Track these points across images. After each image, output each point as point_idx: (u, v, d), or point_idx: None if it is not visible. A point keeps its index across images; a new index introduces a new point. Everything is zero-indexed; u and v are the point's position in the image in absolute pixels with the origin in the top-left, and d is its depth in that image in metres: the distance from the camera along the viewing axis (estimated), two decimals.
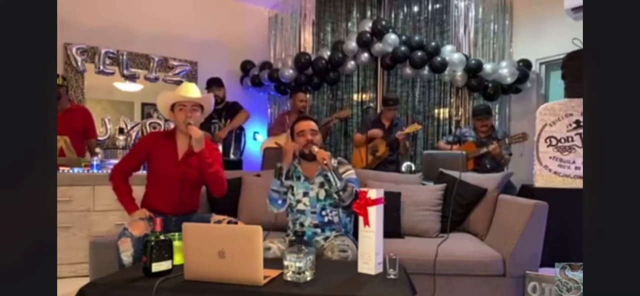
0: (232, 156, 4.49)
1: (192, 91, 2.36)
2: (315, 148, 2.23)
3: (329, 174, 2.18)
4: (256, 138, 5.28)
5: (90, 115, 3.99)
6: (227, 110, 4.59)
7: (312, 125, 2.34)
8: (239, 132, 4.59)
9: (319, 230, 2.27)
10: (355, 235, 2.29)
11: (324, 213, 2.28)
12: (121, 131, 4.65)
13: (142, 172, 2.64)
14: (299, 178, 2.35)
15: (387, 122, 4.28)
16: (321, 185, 2.29)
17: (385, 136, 4.16)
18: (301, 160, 2.37)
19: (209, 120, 4.44)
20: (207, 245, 1.56)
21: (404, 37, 4.70)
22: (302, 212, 2.30)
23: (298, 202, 2.31)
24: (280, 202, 2.30)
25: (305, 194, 2.30)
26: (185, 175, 2.30)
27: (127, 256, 2.05)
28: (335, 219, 2.29)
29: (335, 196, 2.20)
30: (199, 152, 2.26)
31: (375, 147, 4.14)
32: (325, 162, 2.15)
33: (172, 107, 2.35)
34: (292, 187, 2.33)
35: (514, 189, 3.42)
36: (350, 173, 2.36)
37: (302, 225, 2.27)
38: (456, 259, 2.27)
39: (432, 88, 5.02)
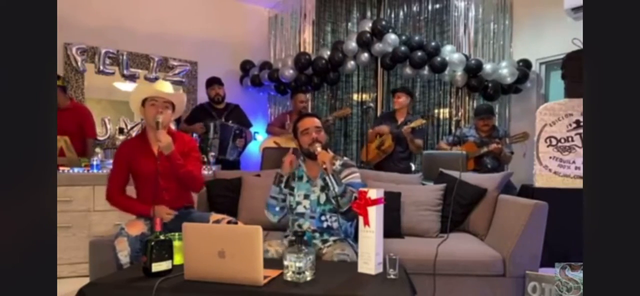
0: (228, 156, 4.38)
1: (165, 88, 2.30)
2: (319, 148, 2.13)
3: (327, 178, 2.09)
4: (256, 138, 5.28)
5: (87, 114, 3.94)
6: (229, 112, 4.55)
7: (316, 122, 2.26)
8: (239, 133, 4.44)
9: (317, 235, 2.20)
10: (356, 239, 2.27)
11: (323, 218, 2.20)
12: (121, 131, 4.65)
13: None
14: (301, 178, 2.28)
15: (400, 117, 4.18)
16: (322, 189, 2.20)
17: (391, 130, 4.12)
18: (306, 159, 2.28)
19: (207, 117, 4.42)
20: (207, 245, 1.56)
21: (404, 37, 4.70)
22: (302, 215, 2.23)
23: (298, 204, 2.24)
24: (278, 209, 2.25)
25: (306, 196, 2.23)
26: (165, 169, 2.26)
27: (124, 256, 2.05)
28: (335, 225, 2.22)
29: (333, 201, 2.13)
30: (169, 154, 2.21)
31: (382, 141, 4.11)
32: (324, 165, 2.05)
33: (144, 102, 2.27)
34: (293, 188, 2.26)
35: (514, 189, 3.41)
36: (354, 177, 2.25)
37: (300, 227, 2.21)
38: (456, 259, 2.26)
39: (432, 88, 5.02)
